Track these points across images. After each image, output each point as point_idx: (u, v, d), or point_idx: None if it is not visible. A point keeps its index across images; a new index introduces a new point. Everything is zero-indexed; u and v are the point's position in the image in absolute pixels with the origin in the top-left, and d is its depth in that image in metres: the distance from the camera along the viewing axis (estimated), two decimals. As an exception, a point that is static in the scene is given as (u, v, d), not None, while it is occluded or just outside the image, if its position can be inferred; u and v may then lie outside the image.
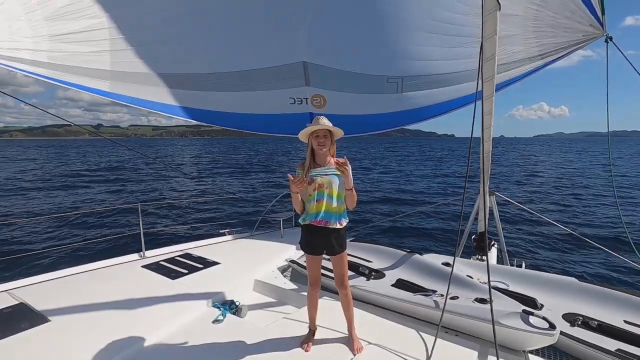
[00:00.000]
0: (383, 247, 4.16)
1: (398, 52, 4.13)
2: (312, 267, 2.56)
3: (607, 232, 10.75)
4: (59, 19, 3.07)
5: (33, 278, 3.39)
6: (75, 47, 3.27)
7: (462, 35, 3.89)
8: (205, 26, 3.77)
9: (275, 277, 3.76)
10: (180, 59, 3.93)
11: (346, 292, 2.52)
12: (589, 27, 3.65)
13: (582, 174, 26.55)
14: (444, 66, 4.29)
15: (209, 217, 11.90)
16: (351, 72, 4.29)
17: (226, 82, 4.25)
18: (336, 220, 2.43)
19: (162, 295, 3.12)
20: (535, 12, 3.63)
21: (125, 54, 3.56)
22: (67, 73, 3.38)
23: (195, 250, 4.30)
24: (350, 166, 2.52)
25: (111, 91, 3.79)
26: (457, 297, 2.96)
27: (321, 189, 2.41)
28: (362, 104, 4.66)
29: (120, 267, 3.80)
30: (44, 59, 3.16)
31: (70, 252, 7.62)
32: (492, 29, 2.76)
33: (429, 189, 19.04)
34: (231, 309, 3.04)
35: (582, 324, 2.69)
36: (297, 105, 4.61)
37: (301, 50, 4.05)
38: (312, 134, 2.42)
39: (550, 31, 3.81)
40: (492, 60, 2.99)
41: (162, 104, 4.21)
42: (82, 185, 18.83)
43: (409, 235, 10.25)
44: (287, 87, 4.41)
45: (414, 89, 4.50)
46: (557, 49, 4.01)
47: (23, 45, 2.99)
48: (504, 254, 5.11)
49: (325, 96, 4.51)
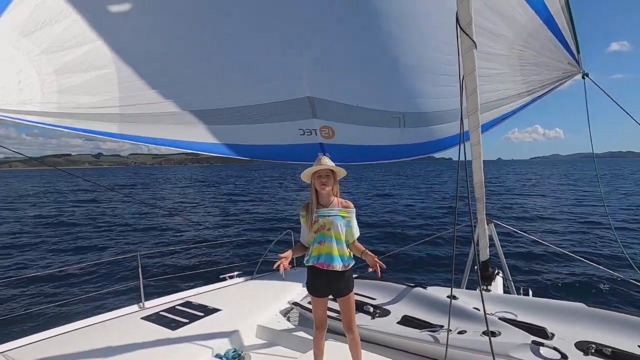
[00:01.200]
0: (386, 283, 4.10)
1: (399, 89, 4.36)
2: (317, 308, 2.51)
3: (609, 252, 10.66)
4: (68, 72, 3.20)
5: (28, 338, 3.29)
6: (85, 98, 3.39)
7: (453, 74, 4.13)
8: (212, 66, 3.94)
9: (279, 321, 3.67)
10: (187, 98, 4.07)
11: (354, 336, 2.46)
12: (567, 65, 3.94)
13: (579, 195, 26.67)
14: (441, 104, 4.50)
15: (209, 260, 11.70)
16: (356, 106, 4.46)
17: (237, 116, 4.38)
18: (339, 263, 2.39)
19: (162, 348, 3.03)
20: (520, 52, 3.89)
21: (133, 98, 3.69)
22: (76, 120, 3.48)
23: (196, 298, 4.22)
24: (355, 209, 2.54)
25: (120, 132, 3.89)
26: (465, 331, 2.89)
27: (323, 230, 2.39)
28: (369, 135, 4.82)
29: (119, 321, 3.70)
30: (53, 110, 3.27)
31: (66, 309, 7.40)
32: (471, 65, 2.92)
33: (428, 217, 18.98)
34: (234, 358, 2.95)
35: (596, 352, 2.61)
36: (307, 136, 4.72)
37: (305, 86, 4.21)
38: (315, 174, 2.42)
39: (535, 69, 4.08)
40: (474, 94, 3.14)
41: (174, 140, 4.35)
42: (73, 233, 18.61)
43: (411, 268, 10.09)
44: (295, 120, 4.55)
45: (415, 125, 4.71)
46: (542, 85, 4.28)
47: (32, 99, 3.09)
48: (510, 282, 5.04)
49: (333, 127, 4.64)
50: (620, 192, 29.39)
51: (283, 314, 3.88)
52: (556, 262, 9.83)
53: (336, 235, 2.39)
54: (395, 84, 4.33)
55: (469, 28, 2.68)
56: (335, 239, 2.39)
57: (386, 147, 4.99)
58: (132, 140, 4.06)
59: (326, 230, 2.38)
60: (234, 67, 4.00)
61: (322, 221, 2.39)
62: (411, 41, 3.93)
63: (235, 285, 4.75)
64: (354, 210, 2.52)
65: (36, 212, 25.94)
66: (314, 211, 2.42)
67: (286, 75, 4.13)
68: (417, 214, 20.52)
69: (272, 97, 4.28)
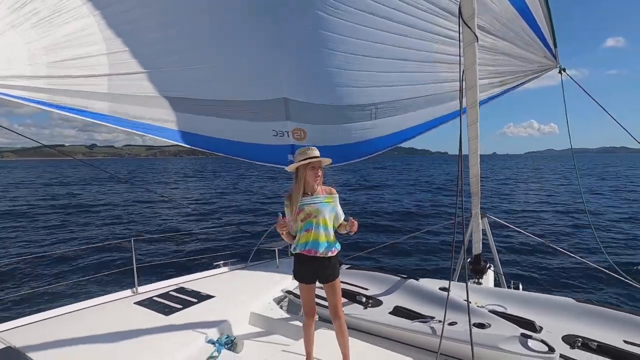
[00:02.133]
0: (379, 274, 4.14)
1: (367, 81, 4.33)
2: (305, 295, 2.54)
3: (595, 247, 10.83)
4: (59, 47, 3.15)
5: (21, 320, 3.29)
6: (74, 71, 3.34)
7: (426, 61, 4.11)
8: (198, 56, 3.92)
9: (272, 308, 3.70)
10: (174, 84, 4.08)
11: (340, 322, 2.48)
12: (543, 59, 3.89)
13: (571, 191, 26.95)
14: (411, 91, 4.49)
15: (203, 248, 11.73)
16: (327, 105, 4.51)
17: (215, 108, 4.40)
18: (326, 249, 2.43)
19: (155, 333, 3.05)
20: (492, 42, 3.82)
21: (122, 78, 3.69)
22: (65, 97, 3.44)
23: (189, 284, 4.23)
24: (338, 195, 2.58)
25: (109, 114, 3.86)
26: (456, 322, 2.93)
27: (309, 218, 2.42)
28: (341, 134, 4.85)
29: (113, 305, 3.71)
30: (42, 85, 3.22)
31: (61, 291, 7.40)
32: (471, 59, 2.90)
33: (420, 211, 19.10)
34: (226, 344, 2.97)
35: (582, 346, 2.68)
36: (279, 138, 4.79)
37: (282, 88, 4.27)
38: (307, 166, 2.43)
39: (507, 60, 4.01)
40: (473, 88, 3.13)
41: (158, 127, 4.31)
42: (69, 217, 18.53)
43: (404, 260, 10.19)
44: (270, 120, 4.61)
45: (387, 115, 4.71)
46: (514, 77, 4.24)
47: (21, 73, 3.04)
48: (501, 277, 5.11)
49: (305, 129, 4.70)
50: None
51: (276, 302, 3.91)
52: (547, 257, 9.98)
53: (323, 222, 2.43)
54: (367, 76, 4.30)
55: (472, 21, 2.66)
56: (322, 226, 2.43)
57: (358, 144, 4.99)
58: (118, 125, 4.00)
59: (312, 218, 2.41)
60: (222, 60, 4.01)
61: (308, 209, 2.42)
62: (380, 29, 3.84)
63: (229, 273, 4.77)
64: (337, 195, 2.57)
65: (31, 199, 25.78)
66: (299, 200, 2.44)
67: (267, 75, 4.16)
68: (406, 207, 20.63)
69: (252, 95, 4.33)
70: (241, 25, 3.78)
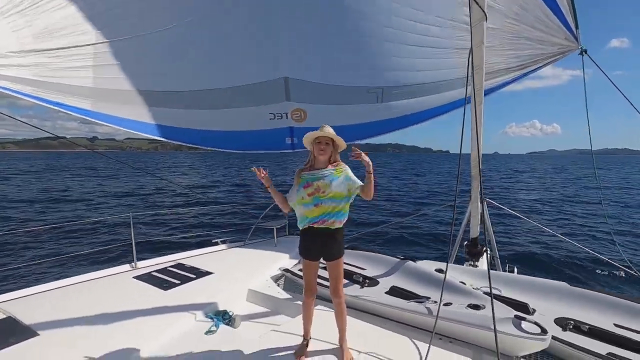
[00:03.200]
0: (377, 255, 4.17)
1: (376, 63, 4.22)
2: (308, 273, 2.53)
3: (595, 238, 10.93)
4: (46, 35, 3.08)
5: (22, 291, 3.33)
6: (60, 61, 3.26)
7: (438, 46, 4.03)
8: (186, 45, 3.79)
9: (269, 286, 3.74)
10: (161, 76, 3.93)
11: (340, 301, 2.50)
12: (564, 41, 3.81)
13: (570, 184, 26.98)
14: (421, 76, 4.41)
15: (201, 226, 11.81)
16: (331, 84, 4.37)
17: (206, 100, 4.26)
18: (335, 218, 2.40)
19: (154, 307, 3.08)
20: (512, 26, 3.74)
21: (108, 70, 3.57)
22: (50, 91, 3.36)
23: (188, 261, 4.26)
24: (347, 166, 2.50)
25: (93, 110, 3.75)
26: (451, 303, 2.97)
27: (318, 193, 2.38)
28: (343, 115, 4.71)
29: (112, 279, 3.74)
30: (29, 76, 3.13)
31: (60, 264, 7.48)
32: (479, 38, 2.82)
33: (421, 197, 19.16)
34: (224, 319, 3.01)
35: (574, 328, 2.72)
36: (277, 120, 4.63)
37: (282, 67, 4.12)
38: (315, 141, 2.45)
39: (527, 44, 3.94)
40: (480, 69, 3.06)
41: (141, 123, 4.14)
42: (71, 198, 18.59)
43: (402, 243, 10.28)
44: (267, 103, 4.45)
45: (393, 99, 4.60)
46: (534, 61, 4.15)
47: (8, 62, 2.97)
48: (496, 260, 5.16)
49: (305, 109, 4.56)
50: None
51: (274, 280, 3.95)
52: (543, 242, 10.08)
53: (333, 195, 2.39)
54: (375, 58, 4.19)
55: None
56: (332, 199, 2.39)
57: (361, 125, 4.87)
58: (102, 121, 3.85)
59: (321, 193, 2.38)
60: (212, 48, 3.87)
61: (316, 184, 2.39)
62: (389, 12, 3.76)
63: (227, 250, 4.80)
64: (347, 167, 2.52)
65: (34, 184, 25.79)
66: (302, 171, 2.46)
67: (263, 56, 4.01)
68: (405, 193, 20.68)
69: (248, 79, 4.18)
70: (237, 5, 3.64)
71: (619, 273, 7.36)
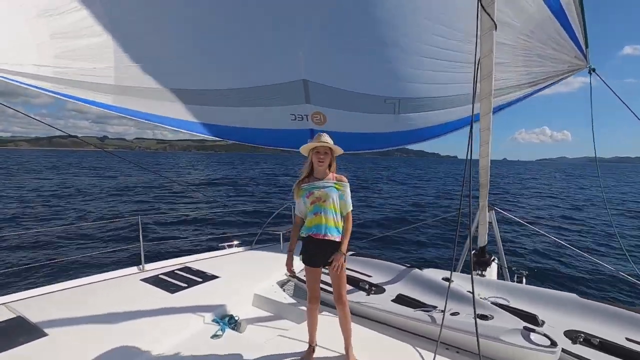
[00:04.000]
0: (383, 262, 4.15)
1: (394, 74, 4.24)
2: (311, 280, 2.55)
3: (606, 248, 10.73)
4: (65, 36, 3.15)
5: (31, 291, 3.38)
6: (80, 63, 3.34)
7: (455, 60, 4.04)
8: (208, 44, 3.85)
9: (275, 291, 3.74)
10: (184, 75, 4.01)
11: (343, 307, 2.49)
12: (574, 59, 3.87)
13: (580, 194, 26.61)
14: (439, 90, 4.41)
15: (209, 230, 11.87)
16: (350, 91, 4.39)
17: (230, 98, 4.33)
18: (334, 233, 2.45)
19: (160, 310, 3.11)
20: (524, 42, 3.78)
21: (129, 69, 3.64)
22: (71, 87, 3.44)
23: (195, 264, 4.29)
24: (349, 183, 2.57)
25: (114, 104, 3.85)
26: (458, 313, 2.94)
27: (318, 202, 2.45)
28: (361, 122, 4.74)
29: (119, 281, 3.78)
30: (49, 74, 3.22)
31: (69, 265, 7.58)
32: (488, 47, 2.82)
33: (429, 205, 19.04)
34: (230, 324, 3.02)
35: (584, 342, 2.67)
36: (297, 122, 4.70)
37: (302, 69, 4.15)
38: (313, 150, 2.50)
39: (539, 61, 3.98)
40: (489, 78, 3.05)
41: (167, 118, 4.29)
42: (82, 197, 18.84)
43: (409, 250, 10.21)
44: (288, 104, 4.51)
45: (410, 111, 4.61)
46: (545, 78, 4.19)
47: (29, 61, 3.05)
48: (505, 269, 5.10)
49: (324, 114, 4.61)
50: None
51: (280, 285, 3.95)
52: (552, 252, 9.92)
53: (331, 206, 2.46)
54: (393, 69, 4.22)
55: (491, 7, 2.58)
56: (330, 210, 2.45)
57: (378, 135, 4.91)
58: (128, 114, 4.00)
59: (322, 202, 2.45)
60: (233, 47, 3.92)
61: (317, 193, 2.45)
62: (412, 24, 3.80)
63: (234, 254, 4.82)
64: (348, 184, 2.57)
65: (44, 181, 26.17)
66: (302, 181, 2.52)
67: (284, 57, 4.06)
68: (414, 201, 20.58)
69: (269, 79, 4.24)
70: (260, 7, 3.67)
71: (629, 286, 7.22)
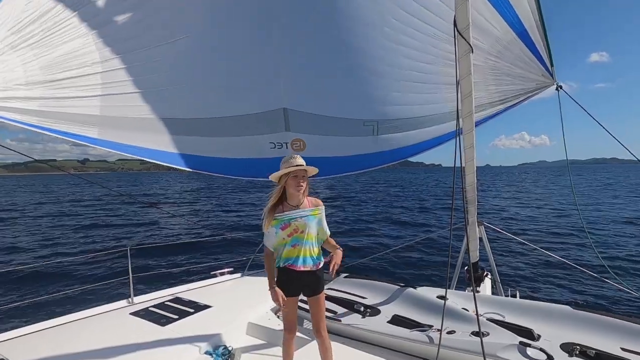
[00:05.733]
0: (376, 282, 4.13)
1: (371, 97, 4.41)
2: (287, 310, 2.42)
3: (593, 257, 10.89)
4: (54, 67, 3.17)
5: (14, 331, 3.23)
6: (67, 92, 3.35)
7: (429, 82, 4.30)
8: (191, 75, 3.93)
9: (269, 318, 3.67)
10: (166, 105, 4.04)
11: (323, 340, 2.40)
12: (541, 77, 4.14)
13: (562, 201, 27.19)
14: (414, 110, 4.62)
15: (199, 258, 11.64)
16: (329, 116, 4.53)
17: (210, 128, 4.36)
18: (313, 263, 2.36)
19: (151, 344, 3.01)
20: (494, 63, 4.04)
21: (114, 99, 3.67)
22: (55, 120, 3.43)
23: (186, 294, 4.19)
24: (324, 206, 2.48)
25: (99, 138, 3.83)
26: (454, 331, 2.93)
27: (296, 233, 2.32)
28: (341, 146, 4.85)
29: (108, 316, 3.66)
30: (34, 107, 3.22)
31: (54, 302, 7.28)
32: (466, 69, 2.95)
33: (415, 221, 19.13)
34: (224, 354, 2.94)
35: (580, 354, 2.68)
36: (277, 150, 4.73)
37: (282, 97, 4.26)
38: (287, 175, 2.30)
39: (508, 80, 4.25)
40: (469, 97, 3.18)
41: (148, 150, 4.21)
42: (62, 225, 18.34)
43: (401, 269, 10.16)
44: (268, 133, 4.57)
45: (389, 132, 4.77)
46: (515, 95, 4.45)
47: (16, 94, 3.05)
48: (498, 284, 5.11)
49: (304, 140, 4.68)
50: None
51: (274, 312, 3.88)
52: (543, 264, 10.01)
53: (310, 237, 2.34)
54: (370, 93, 4.40)
55: (467, 32, 2.71)
56: (309, 241, 2.34)
57: (357, 157, 5.01)
58: (109, 148, 3.93)
59: (299, 233, 2.31)
60: (215, 78, 4.01)
61: (294, 224, 2.31)
62: (385, 50, 4.01)
63: (225, 282, 4.73)
64: (324, 207, 2.46)
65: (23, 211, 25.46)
66: (273, 211, 2.34)
67: (264, 86, 4.17)
68: (405, 217, 20.68)
69: (249, 109, 4.30)
70: (241, 38, 3.80)
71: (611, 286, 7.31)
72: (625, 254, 11.10)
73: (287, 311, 2.43)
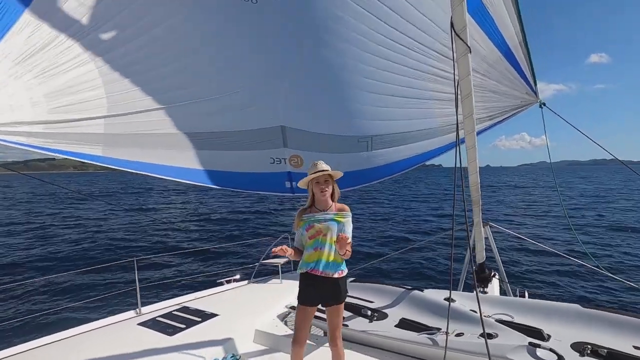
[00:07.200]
0: (383, 286, 4.11)
1: (365, 114, 4.56)
2: (301, 319, 2.39)
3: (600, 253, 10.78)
4: (59, 94, 3.27)
5: (21, 346, 3.24)
6: (72, 115, 3.42)
7: (422, 98, 4.44)
8: (192, 91, 4.00)
9: (276, 325, 3.66)
10: (168, 120, 4.11)
11: (337, 350, 2.37)
12: (525, 95, 4.31)
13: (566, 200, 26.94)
14: (407, 125, 4.77)
15: (205, 266, 11.66)
16: (325, 134, 4.68)
17: (213, 142, 4.46)
18: (334, 270, 2.33)
19: (159, 354, 3.01)
20: (481, 81, 4.17)
21: (118, 118, 3.76)
22: (60, 140, 3.50)
23: (193, 303, 4.20)
24: (351, 214, 2.46)
25: (103, 155, 3.90)
26: (463, 333, 2.90)
27: (319, 236, 2.32)
28: (337, 162, 4.90)
29: (115, 327, 3.67)
30: (40, 130, 3.29)
31: (61, 315, 7.32)
32: (465, 70, 2.95)
33: (422, 224, 19.04)
34: (232, 363, 2.93)
35: (592, 353, 2.64)
36: (276, 165, 4.86)
37: (279, 115, 4.40)
38: (312, 181, 2.39)
39: (495, 97, 4.39)
40: (469, 98, 3.17)
41: (152, 165, 4.29)
42: (64, 237, 18.45)
43: (408, 272, 10.11)
44: (267, 148, 4.70)
45: (383, 147, 4.91)
46: (501, 112, 4.60)
47: (22, 119, 3.11)
48: (506, 284, 5.07)
49: (301, 156, 4.80)
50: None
51: (281, 319, 3.87)
52: (551, 263, 9.91)
53: (331, 240, 2.32)
54: (364, 109, 4.53)
55: (464, 33, 2.72)
56: (330, 245, 2.32)
57: (353, 172, 5.11)
58: (115, 165, 4.01)
59: (322, 236, 2.32)
60: (217, 93, 4.10)
61: (317, 226, 2.32)
62: (375, 67, 4.13)
63: (232, 290, 4.74)
64: (350, 214, 2.45)
65: (23, 218, 25.59)
66: (304, 212, 2.41)
67: (264, 104, 4.29)
68: (408, 219, 20.59)
69: (249, 124, 4.43)
70: (241, 57, 3.89)
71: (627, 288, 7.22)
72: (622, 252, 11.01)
73: (301, 322, 2.38)
